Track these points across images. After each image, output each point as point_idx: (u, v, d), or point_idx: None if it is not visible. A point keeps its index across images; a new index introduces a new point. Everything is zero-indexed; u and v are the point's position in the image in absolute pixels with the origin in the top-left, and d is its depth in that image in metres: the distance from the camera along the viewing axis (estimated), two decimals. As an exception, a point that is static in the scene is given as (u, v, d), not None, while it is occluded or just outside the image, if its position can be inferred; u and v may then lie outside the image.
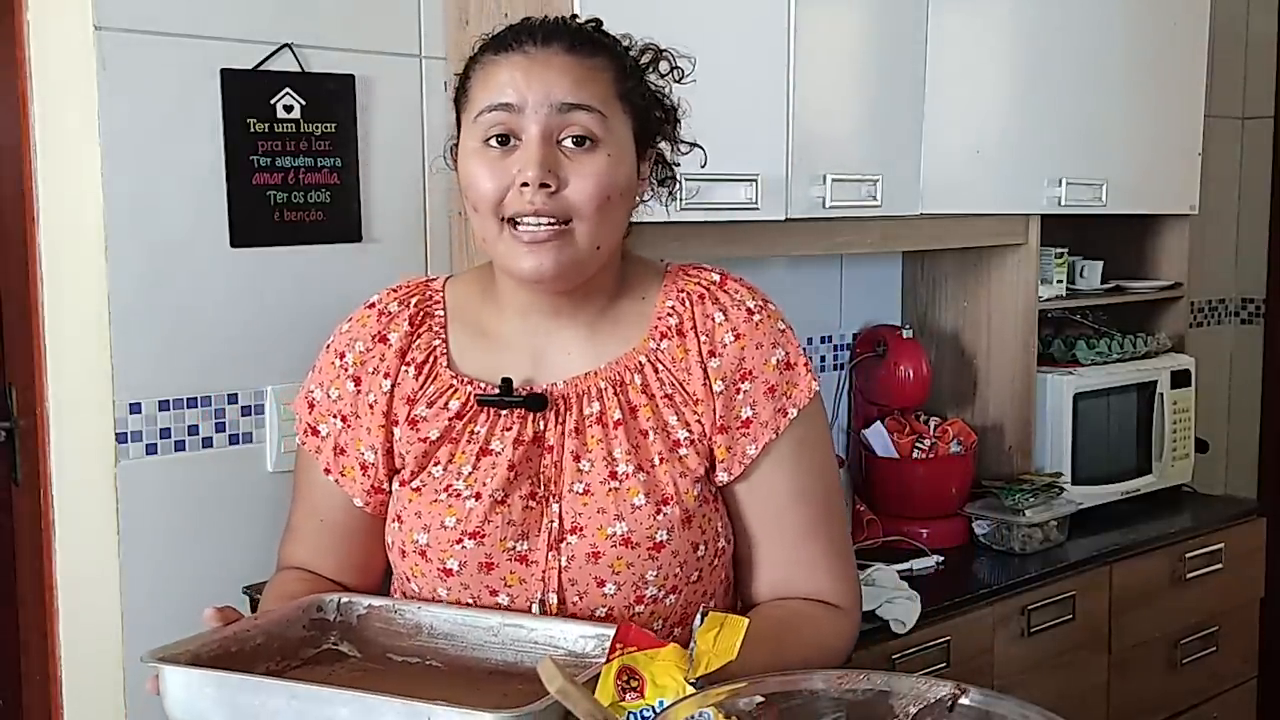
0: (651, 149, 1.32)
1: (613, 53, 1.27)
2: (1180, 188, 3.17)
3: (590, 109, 1.21)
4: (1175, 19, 3.09)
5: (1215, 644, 2.97)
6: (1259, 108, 3.85)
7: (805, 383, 1.30)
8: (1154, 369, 3.06)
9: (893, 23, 2.47)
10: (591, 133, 1.21)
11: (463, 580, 1.26)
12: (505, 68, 1.23)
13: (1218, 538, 2.95)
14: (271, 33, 2.08)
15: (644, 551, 1.24)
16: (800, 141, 2.31)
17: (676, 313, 1.30)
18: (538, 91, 1.20)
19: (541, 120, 1.20)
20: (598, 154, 1.22)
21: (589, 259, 1.24)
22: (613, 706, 1.04)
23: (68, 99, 1.98)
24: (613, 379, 1.28)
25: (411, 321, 1.35)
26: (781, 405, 1.28)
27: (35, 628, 2.17)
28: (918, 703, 0.86)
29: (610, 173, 1.22)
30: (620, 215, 1.26)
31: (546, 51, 1.22)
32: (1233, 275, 3.91)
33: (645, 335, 1.30)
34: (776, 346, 1.30)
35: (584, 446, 1.26)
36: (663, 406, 1.28)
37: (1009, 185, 2.75)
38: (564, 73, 1.21)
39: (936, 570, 2.54)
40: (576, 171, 1.21)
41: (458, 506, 1.26)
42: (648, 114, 1.29)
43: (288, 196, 2.12)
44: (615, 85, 1.24)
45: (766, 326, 1.31)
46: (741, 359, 1.28)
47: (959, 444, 2.77)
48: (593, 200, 1.21)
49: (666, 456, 1.26)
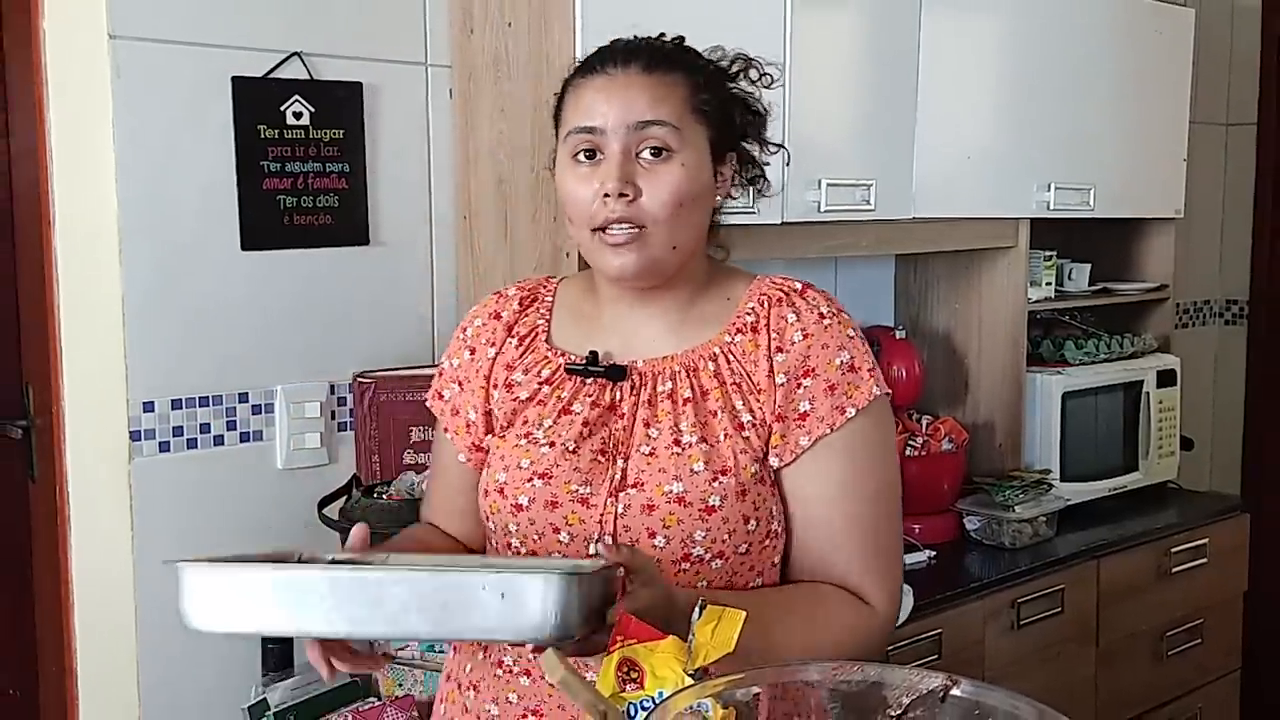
0: (732, 153, 1.38)
1: (689, 68, 1.34)
2: (1166, 192, 3.18)
3: (664, 123, 1.29)
4: (1160, 29, 3.09)
5: (1200, 637, 2.97)
6: (1242, 114, 3.85)
7: (867, 387, 1.33)
8: (1140, 369, 3.06)
9: (886, 32, 2.47)
10: (666, 144, 1.29)
11: (530, 515, 1.33)
12: (589, 90, 1.32)
13: (1202, 533, 2.95)
14: (281, 41, 2.08)
15: (696, 512, 1.28)
16: (796, 147, 2.29)
17: (755, 312, 1.37)
18: (617, 112, 1.29)
19: (621, 138, 1.29)
20: (672, 164, 1.30)
21: (667, 257, 1.32)
22: (613, 697, 1.04)
23: (83, 106, 1.98)
24: (687, 363, 1.36)
25: (521, 303, 1.46)
26: (840, 403, 1.31)
27: (51, 621, 2.17)
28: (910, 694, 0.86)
29: (683, 180, 1.30)
30: (696, 217, 1.33)
31: (627, 72, 1.31)
32: (1217, 277, 3.91)
33: (724, 329, 1.37)
34: (842, 349, 1.34)
35: (654, 416, 1.33)
36: (731, 392, 1.34)
37: (999, 190, 2.75)
38: (641, 92, 1.30)
39: (929, 565, 2.54)
40: (652, 180, 1.29)
41: (534, 451, 1.35)
42: (725, 121, 1.36)
43: (297, 201, 2.12)
44: (689, 99, 1.32)
45: (835, 331, 1.35)
46: (806, 356, 1.33)
47: (950, 441, 2.77)
48: (667, 206, 1.29)
49: (731, 434, 1.31)
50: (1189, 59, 3.17)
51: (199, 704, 2.04)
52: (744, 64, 1.43)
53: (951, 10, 2.57)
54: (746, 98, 1.41)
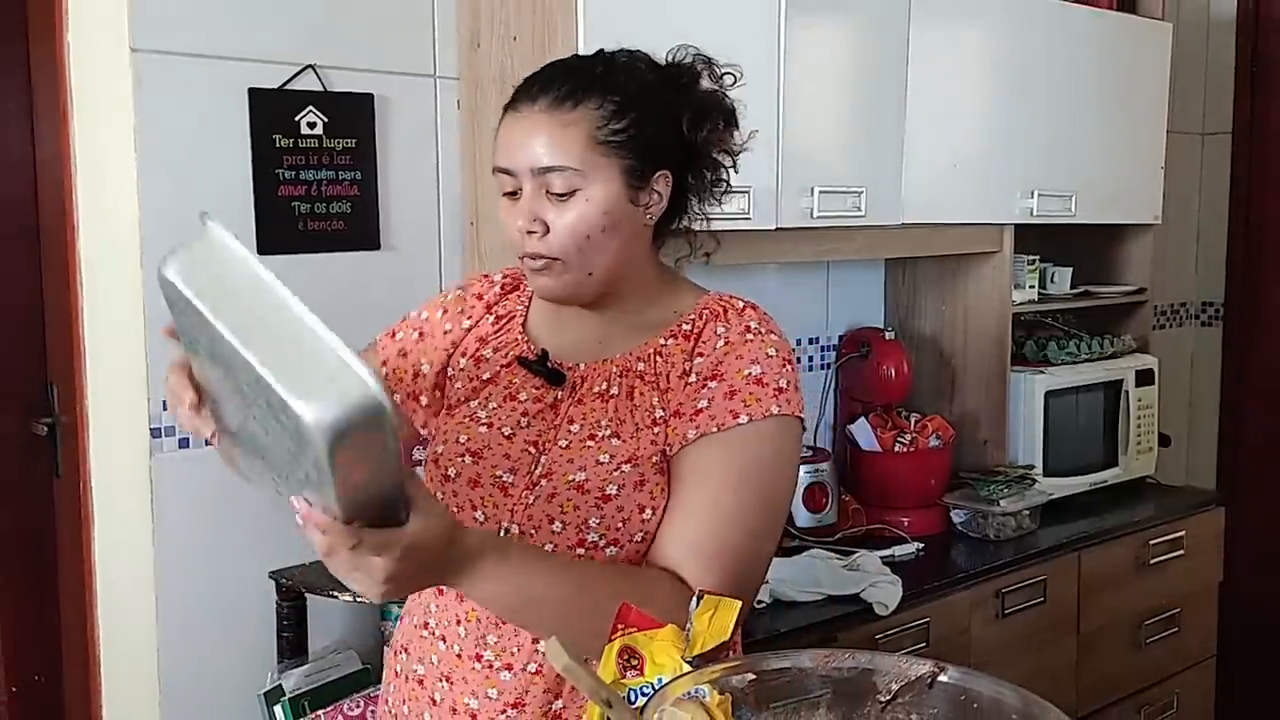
0: (662, 172, 1.33)
1: (603, 97, 1.29)
2: (1144, 199, 3.18)
3: (562, 168, 1.27)
4: (1140, 42, 3.09)
5: (1177, 625, 2.97)
6: (1217, 124, 3.85)
7: (769, 403, 1.28)
8: (1120, 368, 3.07)
9: (876, 45, 2.47)
10: (568, 186, 1.28)
11: (454, 488, 1.34)
12: (505, 129, 1.32)
13: (1179, 526, 2.96)
14: (296, 54, 2.08)
15: (592, 499, 1.28)
16: (789, 156, 2.31)
17: (694, 323, 1.36)
18: (521, 160, 1.29)
19: (529, 179, 1.29)
20: (575, 202, 1.28)
21: (584, 282, 1.32)
22: (614, 684, 1.04)
23: (106, 116, 1.98)
24: (623, 365, 1.35)
25: (504, 288, 1.48)
26: (735, 409, 1.28)
27: (74, 611, 2.18)
28: (899, 680, 0.86)
29: (588, 216, 1.28)
30: (612, 245, 1.31)
31: (532, 111, 1.29)
32: (1193, 280, 3.92)
33: (661, 335, 1.36)
34: (755, 364, 1.31)
35: (581, 414, 1.33)
36: (650, 390, 1.33)
37: (984, 197, 2.76)
38: (542, 136, 1.28)
39: (917, 556, 2.54)
40: (559, 217, 1.28)
41: (472, 429, 1.36)
42: (649, 144, 1.30)
43: (311, 207, 2.12)
44: (593, 135, 1.27)
45: (754, 345, 1.32)
46: (720, 362, 1.31)
47: (938, 438, 2.78)
48: (573, 242, 1.29)
49: (643, 428, 1.30)
50: (1166, 71, 3.17)
51: (216, 689, 2.05)
52: (702, 67, 1.38)
53: (939, 24, 2.57)
54: (688, 115, 1.34)
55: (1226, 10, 3.80)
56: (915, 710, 0.85)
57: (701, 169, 1.38)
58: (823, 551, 2.46)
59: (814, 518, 2.61)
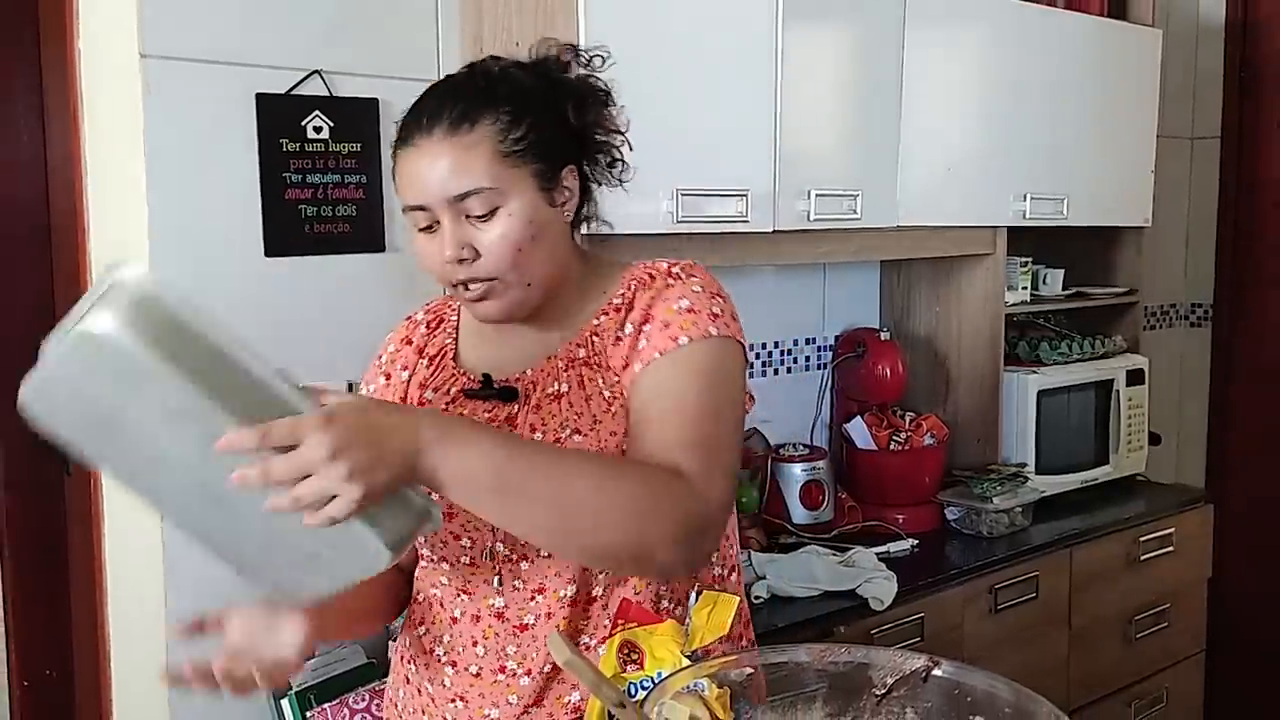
0: (568, 166, 1.31)
1: (496, 111, 1.25)
2: (1135, 202, 3.18)
3: (477, 190, 1.24)
4: (1130, 48, 3.10)
5: (1167, 621, 2.97)
6: (1206, 128, 3.85)
7: (706, 325, 1.27)
8: (1111, 368, 3.07)
9: (871, 50, 2.47)
10: (488, 205, 1.25)
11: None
12: (407, 164, 1.28)
13: (1169, 523, 2.96)
14: (302, 60, 2.08)
15: None
16: (786, 159, 2.31)
17: (624, 296, 1.33)
18: (433, 191, 1.25)
19: (446, 209, 1.25)
20: (499, 219, 1.25)
21: (525, 295, 1.29)
22: (615, 677, 1.04)
23: (116, 121, 1.98)
24: (567, 357, 1.32)
25: (429, 326, 1.45)
26: (674, 334, 1.26)
27: (85, 607, 2.18)
28: (894, 674, 0.86)
29: (516, 229, 1.25)
30: (543, 250, 1.28)
31: (431, 140, 1.25)
32: (1183, 282, 3.91)
33: (594, 316, 1.33)
34: (683, 299, 1.29)
35: (540, 421, 1.30)
36: (595, 372, 1.31)
37: (978, 200, 2.76)
38: (448, 163, 1.24)
39: (911, 552, 2.54)
40: (485, 238, 1.25)
41: None
42: (550, 144, 1.28)
43: (317, 210, 2.12)
44: (498, 149, 1.24)
45: (679, 287, 1.30)
46: (649, 307, 1.29)
47: (932, 437, 2.78)
48: (505, 258, 1.25)
49: (601, 416, 1.28)
50: (1156, 76, 3.17)
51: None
52: (568, 56, 1.36)
53: (934, 30, 2.57)
54: (571, 106, 1.32)
55: (1215, 17, 3.80)
56: (910, 704, 0.85)
57: (595, 154, 1.36)
58: (819, 548, 2.46)
59: (811, 515, 2.61)
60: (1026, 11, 2.81)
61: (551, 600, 1.28)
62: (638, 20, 2.06)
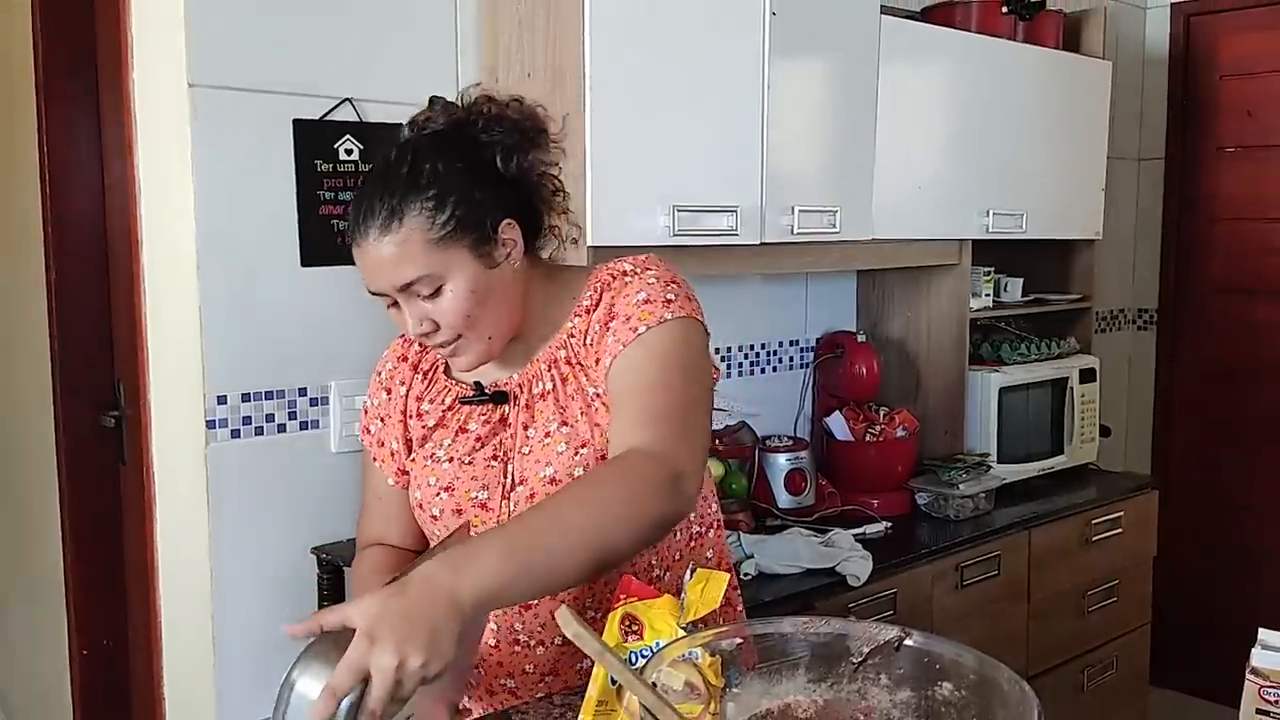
0: (506, 220, 1.26)
1: (420, 199, 1.22)
2: (1087, 217, 3.18)
3: (416, 280, 1.22)
4: (1083, 78, 3.09)
5: (1116, 595, 2.97)
6: (1152, 150, 3.85)
7: (661, 311, 1.25)
8: (1065, 367, 3.07)
9: (849, 81, 2.47)
10: (431, 288, 1.23)
11: (443, 523, 1.32)
12: (359, 260, 1.25)
13: (1118, 507, 2.95)
14: (335, 89, 2.08)
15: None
16: (773, 179, 2.31)
17: (592, 298, 1.31)
18: (383, 283, 1.24)
19: (399, 295, 1.25)
20: (444, 295, 1.24)
21: (492, 346, 1.29)
22: (617, 647, 1.04)
23: (166, 145, 1.98)
24: (548, 359, 1.32)
25: (420, 344, 1.38)
26: (634, 326, 1.25)
27: (139, 583, 2.18)
28: (870, 643, 0.86)
29: (462, 298, 1.24)
30: (491, 309, 1.26)
31: (369, 242, 1.23)
32: (1130, 289, 3.91)
33: (568, 318, 1.32)
34: (639, 292, 1.27)
35: (531, 418, 1.30)
36: (576, 371, 1.30)
37: (945, 215, 2.75)
38: (386, 261, 1.22)
39: (885, 534, 2.54)
40: (438, 311, 1.24)
41: (437, 469, 1.33)
42: (480, 211, 1.24)
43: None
44: (428, 239, 1.21)
45: (636, 281, 1.28)
46: (611, 304, 1.28)
47: (904, 429, 2.78)
48: (460, 323, 1.25)
49: (585, 410, 1.28)
50: (1106, 103, 3.17)
51: (264, 652, 2.05)
52: (485, 103, 1.30)
53: (905, 62, 2.57)
54: (499, 158, 1.27)
55: (1159, 50, 3.80)
56: (884, 670, 0.85)
57: (533, 193, 1.31)
58: (802, 530, 2.46)
59: (794, 500, 2.61)
60: (989, 45, 2.80)
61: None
62: (640, 53, 2.06)
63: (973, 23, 2.80)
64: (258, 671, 2.05)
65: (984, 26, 2.80)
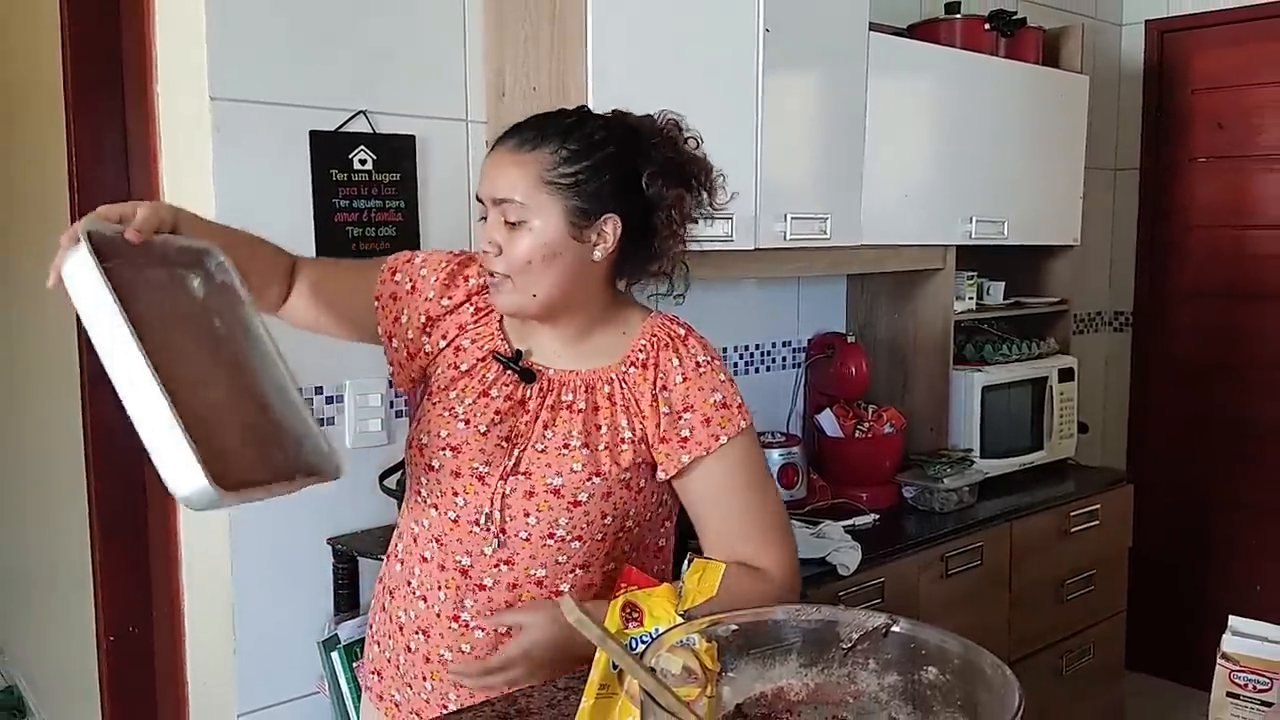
0: (609, 215, 1.27)
1: (560, 145, 1.25)
2: (1066, 224, 3.18)
3: (511, 201, 1.25)
4: (1062, 92, 3.09)
5: (1092, 585, 2.97)
6: (1127, 161, 3.85)
7: (736, 420, 1.31)
8: (1045, 367, 3.07)
9: (839, 94, 2.47)
10: (518, 217, 1.26)
11: (437, 477, 1.32)
12: (486, 161, 1.31)
13: (1095, 500, 2.96)
14: (350, 101, 2.08)
15: (565, 503, 1.27)
16: (766, 187, 2.31)
17: (646, 350, 1.32)
18: (486, 190, 1.28)
19: (491, 209, 1.29)
20: (521, 231, 1.26)
21: (529, 302, 1.29)
22: (618, 633, 1.04)
23: (189, 155, 1.98)
24: (588, 381, 1.32)
25: (483, 284, 1.38)
26: (715, 432, 1.30)
27: (163, 572, 2.18)
28: (858, 630, 0.86)
29: (531, 245, 1.26)
30: (552, 272, 1.27)
31: (502, 150, 1.28)
32: (1107, 293, 3.92)
33: (621, 360, 1.33)
34: (715, 391, 1.31)
35: (553, 420, 1.30)
36: (619, 412, 1.31)
37: (931, 222, 2.76)
38: (502, 171, 1.27)
39: (874, 526, 2.54)
40: (509, 243, 1.27)
41: (451, 425, 1.33)
42: (596, 192, 1.26)
43: (362, 231, 2.12)
44: (542, 175, 1.25)
45: (710, 377, 1.32)
46: (686, 395, 1.30)
47: (892, 426, 2.78)
48: (516, 264, 1.27)
49: (610, 445, 1.29)
50: (1084, 116, 3.17)
51: (282, 639, 2.05)
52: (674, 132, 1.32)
53: (893, 77, 2.57)
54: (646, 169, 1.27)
55: (1135, 66, 3.80)
56: (872, 656, 0.85)
57: (656, 221, 1.31)
58: (794, 522, 2.45)
59: (787, 493, 2.61)
60: (972, 61, 2.80)
61: (520, 573, 1.28)
62: (639, 69, 2.06)
63: (957, 39, 2.80)
64: (275, 656, 2.05)
65: (968, 43, 2.80)
